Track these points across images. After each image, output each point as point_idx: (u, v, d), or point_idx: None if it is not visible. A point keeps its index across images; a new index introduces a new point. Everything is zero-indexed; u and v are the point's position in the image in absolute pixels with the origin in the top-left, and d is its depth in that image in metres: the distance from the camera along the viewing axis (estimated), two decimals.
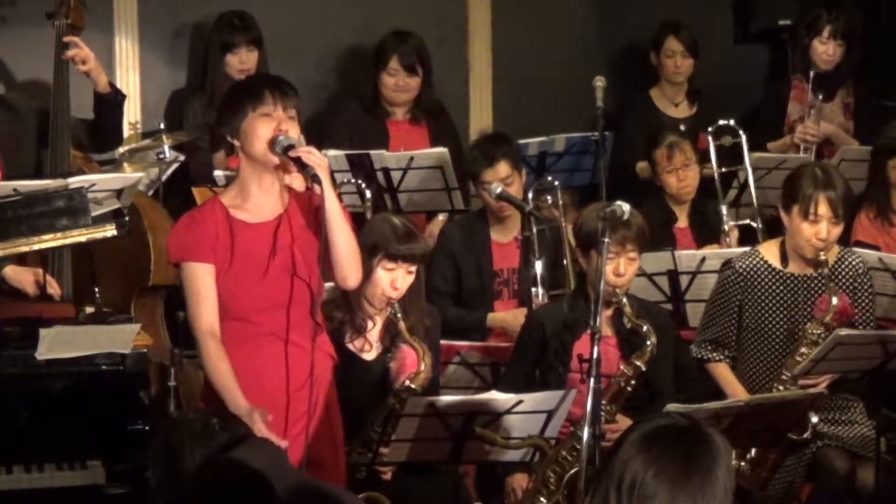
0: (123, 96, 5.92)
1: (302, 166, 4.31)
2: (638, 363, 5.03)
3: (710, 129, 6.80)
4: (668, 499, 2.81)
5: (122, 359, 4.64)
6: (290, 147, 4.32)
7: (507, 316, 5.97)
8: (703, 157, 6.73)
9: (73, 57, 5.62)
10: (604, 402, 4.84)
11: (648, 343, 5.01)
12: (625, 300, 5.08)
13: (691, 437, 2.88)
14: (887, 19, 7.90)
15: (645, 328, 5.01)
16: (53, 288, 5.37)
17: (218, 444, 3.53)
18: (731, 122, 6.77)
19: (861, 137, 7.18)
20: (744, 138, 6.70)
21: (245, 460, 3.22)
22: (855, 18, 7.34)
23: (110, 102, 5.77)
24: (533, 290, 5.89)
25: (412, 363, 4.91)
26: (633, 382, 5.05)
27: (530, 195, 6.05)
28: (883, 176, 6.42)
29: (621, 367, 5.09)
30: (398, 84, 6.91)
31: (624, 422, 4.97)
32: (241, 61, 6.73)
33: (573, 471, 4.81)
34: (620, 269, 5.07)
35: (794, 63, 7.51)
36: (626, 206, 4.82)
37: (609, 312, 5.12)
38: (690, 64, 7.46)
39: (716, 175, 6.69)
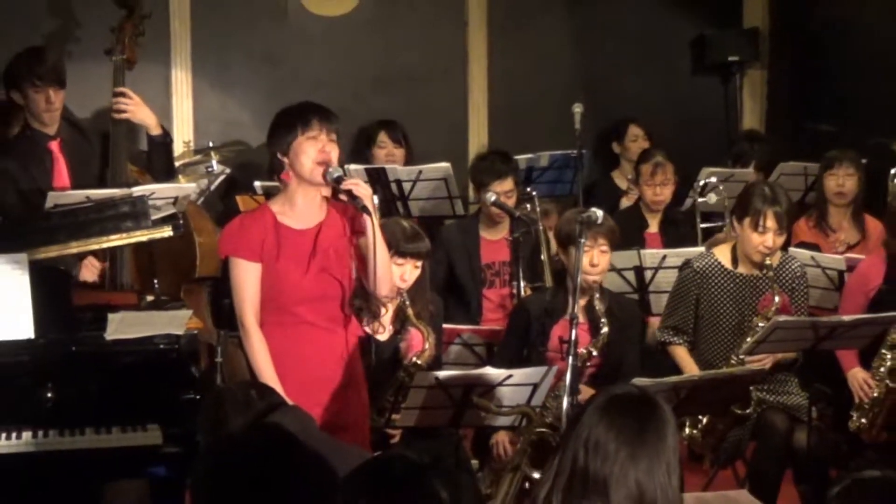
0: (170, 140, 5.88)
1: (352, 197, 4.27)
2: (591, 349, 5.07)
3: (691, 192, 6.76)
4: (629, 455, 2.83)
5: (177, 339, 4.64)
6: (341, 179, 4.28)
7: None
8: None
9: (123, 106, 5.59)
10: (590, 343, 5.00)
11: (601, 334, 5.06)
12: (597, 295, 5.10)
13: (643, 403, 2.91)
14: (821, 54, 7.93)
15: (602, 319, 5.05)
16: (102, 269, 5.41)
17: (256, 411, 3.55)
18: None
19: (796, 155, 7.19)
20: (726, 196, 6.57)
21: (278, 424, 3.24)
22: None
23: (160, 145, 5.71)
24: (513, 283, 5.95)
25: (418, 343, 4.93)
26: (588, 363, 5.10)
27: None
28: (822, 188, 6.45)
29: (580, 350, 5.12)
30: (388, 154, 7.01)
31: (587, 391, 5.00)
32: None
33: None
34: (594, 260, 5.08)
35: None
36: (599, 212, 4.86)
37: (583, 302, 5.12)
38: (648, 146, 7.32)
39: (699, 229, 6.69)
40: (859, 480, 2.81)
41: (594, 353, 5.09)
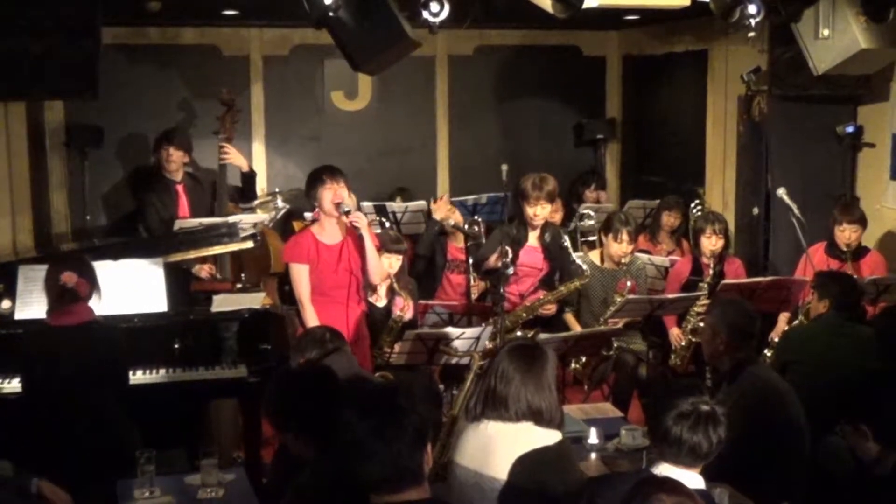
0: (255, 173, 5.90)
1: (354, 225, 4.36)
2: (562, 289, 5.07)
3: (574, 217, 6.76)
4: (521, 380, 2.84)
5: (257, 311, 4.63)
6: (348, 212, 4.35)
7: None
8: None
9: (225, 156, 5.62)
10: (545, 294, 5.02)
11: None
12: (546, 235, 5.07)
13: (534, 349, 2.94)
14: (652, 134, 7.95)
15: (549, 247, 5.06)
16: (211, 272, 5.37)
17: (326, 348, 3.42)
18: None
19: (638, 196, 7.19)
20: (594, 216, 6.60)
21: (324, 365, 3.18)
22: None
23: (248, 177, 5.77)
24: (467, 274, 5.90)
25: (401, 305, 4.92)
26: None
27: (466, 227, 6.00)
28: (659, 219, 6.45)
29: (541, 294, 5.09)
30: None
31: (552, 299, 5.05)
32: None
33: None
34: (538, 211, 5.02)
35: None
36: (549, 177, 4.94)
37: (537, 234, 5.10)
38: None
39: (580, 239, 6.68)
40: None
41: (566, 293, 5.07)
